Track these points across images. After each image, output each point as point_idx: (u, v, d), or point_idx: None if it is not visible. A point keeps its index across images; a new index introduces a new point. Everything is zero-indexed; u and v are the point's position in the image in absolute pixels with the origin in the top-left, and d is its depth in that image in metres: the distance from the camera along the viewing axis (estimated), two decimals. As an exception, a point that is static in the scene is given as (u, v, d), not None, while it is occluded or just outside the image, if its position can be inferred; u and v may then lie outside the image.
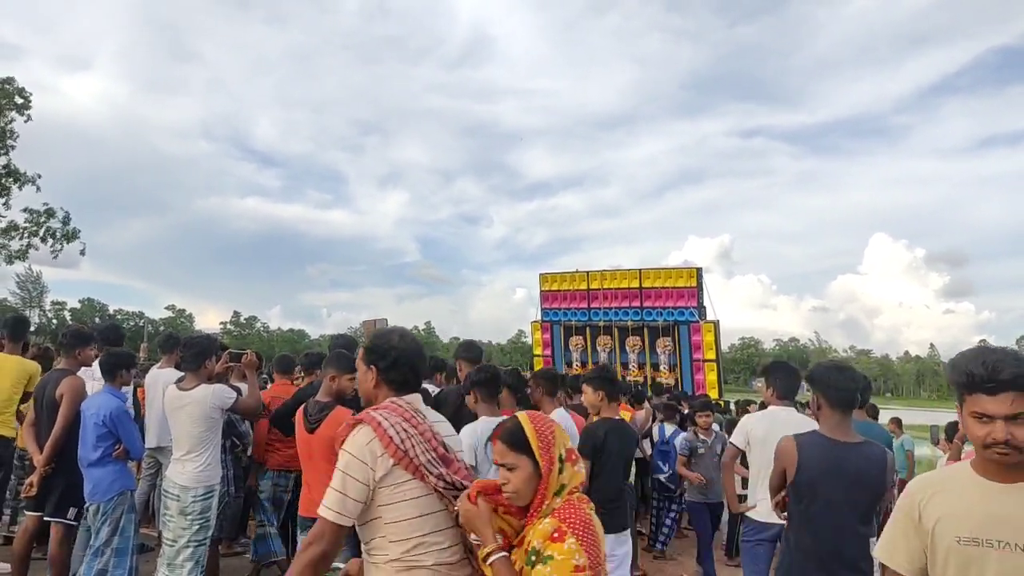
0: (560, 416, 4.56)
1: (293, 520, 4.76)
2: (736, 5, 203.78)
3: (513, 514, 1.92)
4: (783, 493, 2.93)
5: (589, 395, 4.23)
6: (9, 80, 28.34)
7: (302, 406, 3.98)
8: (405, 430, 1.99)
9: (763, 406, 4.47)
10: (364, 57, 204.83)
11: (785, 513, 2.96)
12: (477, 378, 3.85)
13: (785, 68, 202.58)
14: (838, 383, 2.86)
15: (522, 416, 1.98)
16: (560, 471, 1.88)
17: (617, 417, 4.21)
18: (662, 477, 6.82)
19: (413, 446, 1.97)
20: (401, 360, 2.15)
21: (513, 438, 1.90)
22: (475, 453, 3.54)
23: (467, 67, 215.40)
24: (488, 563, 1.83)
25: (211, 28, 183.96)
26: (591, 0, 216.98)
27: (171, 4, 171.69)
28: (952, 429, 6.61)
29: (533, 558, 1.78)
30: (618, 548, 4.07)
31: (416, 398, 2.17)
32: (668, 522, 6.99)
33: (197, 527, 3.97)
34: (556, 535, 1.77)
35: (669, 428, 7.01)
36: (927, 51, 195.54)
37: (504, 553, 1.84)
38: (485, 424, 3.70)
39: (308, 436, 3.88)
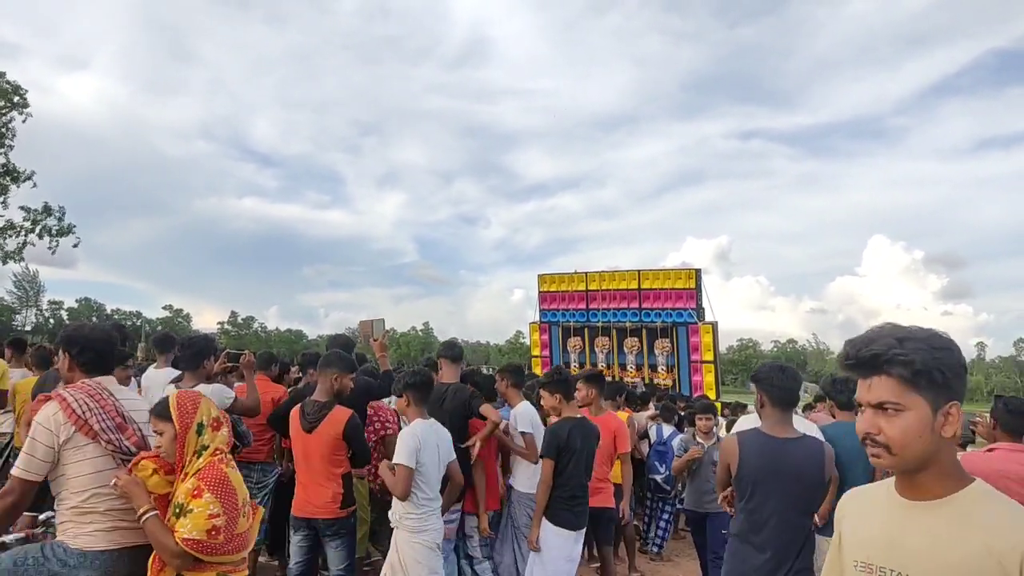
0: (525, 408, 4.64)
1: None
2: (736, 6, 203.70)
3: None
4: (730, 488, 3.09)
5: (547, 399, 4.29)
6: (0, 73, 28.17)
7: (298, 405, 3.97)
8: (87, 403, 2.53)
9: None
10: (363, 57, 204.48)
11: (732, 509, 3.13)
12: (411, 381, 3.82)
13: (784, 69, 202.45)
14: (780, 382, 3.01)
15: (171, 394, 2.59)
16: (199, 434, 2.48)
17: (578, 415, 4.26)
18: (658, 478, 6.78)
19: (92, 416, 2.51)
20: (87, 347, 2.68)
21: (160, 409, 2.51)
22: (416, 455, 3.57)
23: (466, 68, 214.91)
24: (143, 521, 2.35)
25: (210, 28, 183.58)
26: (591, 0, 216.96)
27: (171, 4, 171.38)
28: None
29: (177, 511, 2.34)
30: (575, 546, 4.13)
31: (107, 380, 2.70)
32: (662, 523, 6.95)
33: None
34: (195, 492, 2.33)
35: (667, 429, 6.97)
36: (926, 52, 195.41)
37: (155, 512, 2.36)
38: (421, 427, 3.72)
39: (305, 435, 3.87)
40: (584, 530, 4.21)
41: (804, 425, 3.76)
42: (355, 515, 4.06)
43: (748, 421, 4.30)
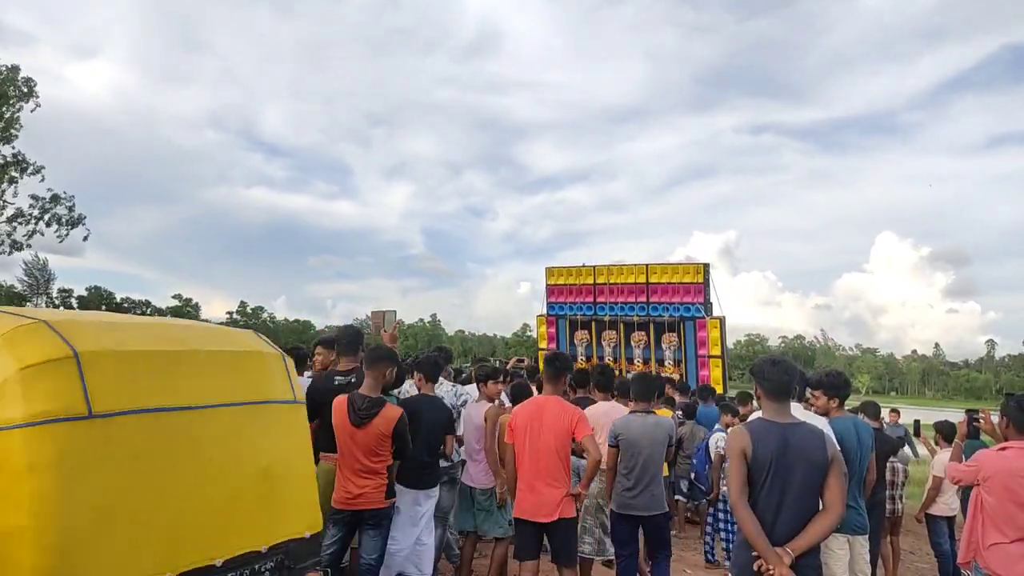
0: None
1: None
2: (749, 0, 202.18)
3: None
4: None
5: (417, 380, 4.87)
6: (15, 68, 28.35)
7: (346, 398, 4.04)
8: None
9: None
10: (374, 49, 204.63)
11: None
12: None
13: (797, 64, 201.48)
14: (771, 375, 3.12)
15: None
16: None
17: (431, 394, 4.79)
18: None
19: None
20: None
21: None
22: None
23: (477, 59, 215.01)
24: None
25: (221, 18, 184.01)
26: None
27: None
28: (947, 428, 6.51)
29: None
30: (426, 502, 4.62)
31: None
32: (724, 534, 6.44)
33: None
34: None
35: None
36: (941, 47, 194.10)
37: None
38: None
39: (353, 429, 3.96)
40: (436, 487, 4.73)
41: (812, 420, 3.78)
42: (394, 507, 4.22)
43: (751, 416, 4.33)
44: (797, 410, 4.01)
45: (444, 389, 5.22)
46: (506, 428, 4.39)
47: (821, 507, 2.99)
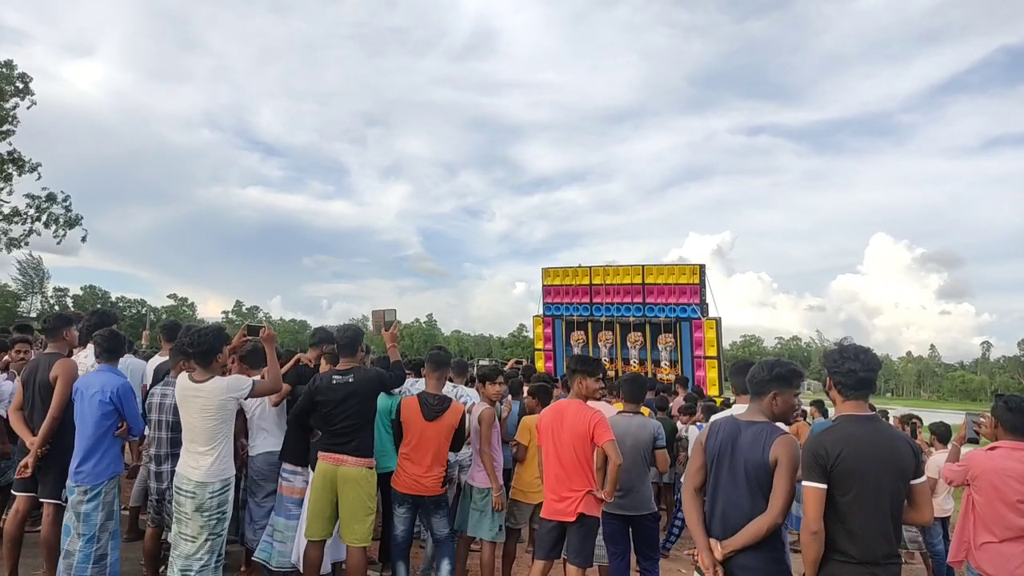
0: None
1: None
2: (744, 0, 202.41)
3: None
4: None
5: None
6: (8, 63, 28.21)
7: (416, 398, 4.63)
8: None
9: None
10: (369, 48, 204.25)
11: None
12: None
13: (793, 65, 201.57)
14: (753, 374, 3.18)
15: None
16: None
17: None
18: None
19: None
20: None
21: None
22: None
23: (472, 59, 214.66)
24: None
25: (216, 17, 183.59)
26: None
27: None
28: (942, 429, 6.63)
29: None
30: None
31: None
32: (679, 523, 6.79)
33: (215, 521, 3.93)
34: None
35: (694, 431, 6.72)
36: (937, 49, 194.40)
37: None
38: None
39: (426, 423, 4.54)
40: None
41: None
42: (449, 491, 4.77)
43: (716, 417, 4.39)
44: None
45: (446, 390, 5.24)
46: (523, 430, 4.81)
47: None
